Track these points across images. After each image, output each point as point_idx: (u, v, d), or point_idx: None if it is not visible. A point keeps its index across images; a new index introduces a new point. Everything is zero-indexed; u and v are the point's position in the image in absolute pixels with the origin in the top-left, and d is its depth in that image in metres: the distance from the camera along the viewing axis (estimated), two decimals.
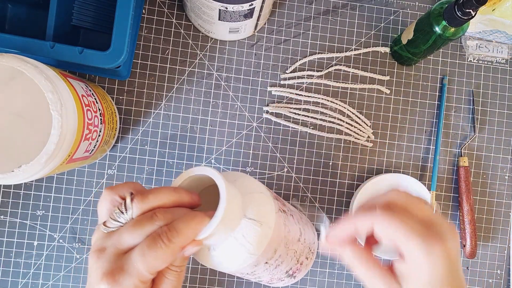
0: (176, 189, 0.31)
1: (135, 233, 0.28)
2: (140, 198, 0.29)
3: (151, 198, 0.29)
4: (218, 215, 0.29)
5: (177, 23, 0.56)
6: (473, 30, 0.58)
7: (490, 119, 0.59)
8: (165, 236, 0.28)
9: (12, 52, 0.41)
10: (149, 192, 0.30)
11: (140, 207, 0.29)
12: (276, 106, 0.56)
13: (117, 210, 0.29)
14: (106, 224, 0.29)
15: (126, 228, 0.29)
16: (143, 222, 0.28)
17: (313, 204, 0.57)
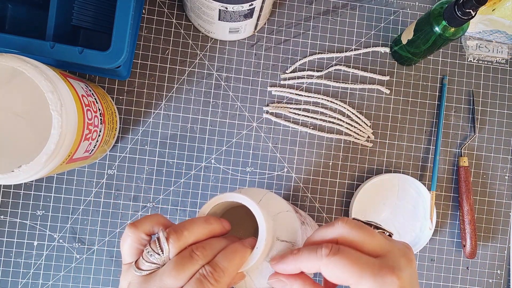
0: (207, 220, 0.30)
1: (178, 276, 0.27)
2: (175, 236, 0.28)
3: (186, 235, 0.28)
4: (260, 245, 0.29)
5: (177, 23, 0.56)
6: (473, 30, 0.58)
7: (490, 119, 0.59)
8: (211, 277, 0.27)
9: (12, 52, 0.41)
10: (183, 229, 0.28)
11: (177, 246, 0.28)
12: (276, 106, 0.56)
13: (150, 250, 0.28)
14: (139, 266, 0.28)
15: (167, 271, 0.27)
16: (184, 264, 0.27)
17: (313, 204, 0.57)
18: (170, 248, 0.28)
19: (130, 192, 0.54)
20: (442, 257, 0.57)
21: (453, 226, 0.58)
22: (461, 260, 0.57)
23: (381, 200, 0.56)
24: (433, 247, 0.57)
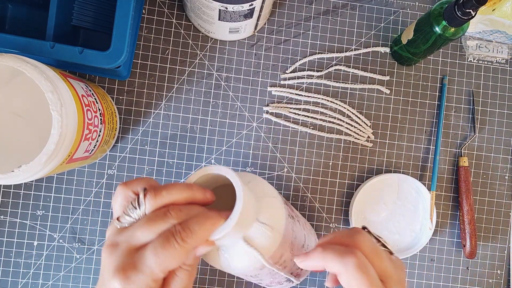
0: (189, 186, 0.31)
1: (148, 230, 0.28)
2: (153, 194, 0.29)
3: (165, 194, 0.29)
4: (234, 217, 0.29)
5: (177, 23, 0.56)
6: (473, 30, 0.58)
7: (490, 119, 0.59)
8: (179, 236, 0.27)
9: (12, 52, 0.41)
10: (163, 188, 0.30)
11: (153, 203, 0.29)
12: (276, 106, 0.56)
13: (130, 206, 0.29)
14: (120, 219, 0.29)
15: (139, 224, 0.29)
16: (156, 220, 0.28)
17: (313, 204, 0.57)
18: (146, 204, 0.29)
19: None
20: (442, 257, 0.57)
21: (453, 226, 0.58)
22: (461, 260, 0.57)
23: (381, 200, 0.56)
24: (433, 247, 0.57)
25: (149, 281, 0.27)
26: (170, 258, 0.27)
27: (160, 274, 0.28)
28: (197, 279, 0.55)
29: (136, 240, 0.28)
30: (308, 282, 0.56)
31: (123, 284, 0.27)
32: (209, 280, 0.55)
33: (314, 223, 0.56)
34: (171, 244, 0.27)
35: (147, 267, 0.27)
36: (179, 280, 0.29)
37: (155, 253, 0.27)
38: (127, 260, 0.28)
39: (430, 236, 0.54)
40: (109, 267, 0.28)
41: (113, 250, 0.28)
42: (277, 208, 0.35)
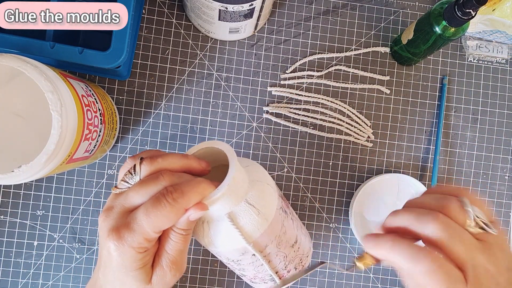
0: (185, 155, 0.32)
1: (140, 192, 0.29)
2: (148, 161, 0.30)
3: (160, 161, 0.30)
4: (225, 183, 0.30)
5: (177, 23, 0.56)
6: (473, 30, 0.58)
7: (490, 119, 0.59)
8: (169, 195, 0.28)
9: (12, 52, 0.41)
10: (158, 156, 0.31)
11: (147, 169, 0.30)
12: (276, 106, 0.56)
13: (127, 173, 0.30)
14: (117, 186, 0.30)
15: (132, 187, 0.29)
16: (148, 182, 0.29)
17: (313, 204, 0.57)
18: (141, 170, 0.30)
19: None
20: None
21: None
22: None
23: (381, 200, 0.56)
24: None
25: (142, 240, 0.28)
26: (160, 217, 0.28)
27: (152, 233, 0.28)
28: (197, 279, 0.55)
29: (130, 202, 0.29)
30: (308, 282, 0.56)
31: (116, 243, 0.28)
32: (209, 280, 0.55)
33: (314, 223, 0.56)
34: (161, 203, 0.28)
35: (139, 226, 0.28)
36: (173, 243, 0.30)
37: (146, 212, 0.28)
38: (121, 220, 0.29)
39: None
40: (104, 228, 0.29)
41: (108, 213, 0.29)
42: (268, 194, 0.36)
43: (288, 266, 0.42)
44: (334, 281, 0.56)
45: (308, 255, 0.47)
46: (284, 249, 0.39)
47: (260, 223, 0.34)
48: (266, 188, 0.36)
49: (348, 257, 0.56)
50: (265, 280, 0.43)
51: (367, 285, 0.56)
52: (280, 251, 0.39)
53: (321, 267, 0.56)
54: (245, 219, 0.33)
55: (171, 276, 0.30)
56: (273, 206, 0.36)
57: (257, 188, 0.35)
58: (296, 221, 0.43)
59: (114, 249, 0.28)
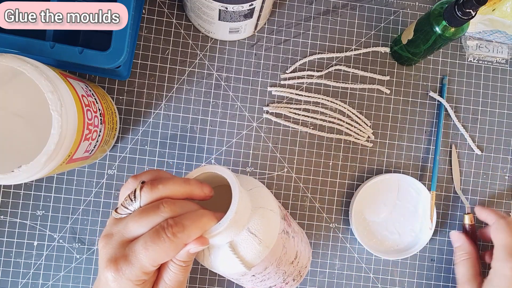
0: (187, 180, 0.31)
1: (140, 222, 0.28)
2: (149, 187, 0.29)
3: (160, 188, 0.29)
4: (228, 217, 0.29)
5: (177, 23, 0.56)
6: (473, 30, 0.58)
7: (490, 119, 0.59)
8: (169, 230, 0.27)
9: (12, 52, 0.41)
10: (159, 182, 0.30)
11: (148, 196, 0.29)
12: (276, 106, 0.56)
13: (127, 198, 0.30)
14: (117, 211, 0.30)
15: (132, 216, 0.29)
16: (149, 212, 0.28)
17: (313, 204, 0.57)
18: (142, 196, 0.29)
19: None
20: (442, 257, 0.57)
21: (453, 226, 0.58)
22: None
23: (381, 200, 0.56)
24: (433, 247, 0.57)
25: (140, 273, 0.28)
26: (159, 252, 0.27)
27: (150, 267, 0.28)
28: (197, 279, 0.55)
29: (129, 232, 0.29)
30: (308, 282, 0.56)
31: (114, 275, 0.27)
32: (209, 280, 0.55)
33: (314, 223, 0.56)
34: (161, 238, 0.27)
35: (138, 259, 0.27)
36: (172, 274, 0.30)
37: (145, 246, 0.27)
38: (119, 252, 0.28)
39: (430, 236, 0.54)
40: (103, 257, 0.28)
41: (108, 241, 0.29)
42: (271, 222, 0.35)
43: (287, 279, 0.42)
44: (334, 281, 0.56)
45: (307, 265, 0.46)
46: (284, 267, 0.39)
47: (260, 251, 0.33)
48: (269, 214, 0.35)
49: (348, 257, 0.56)
50: None
51: (367, 285, 0.56)
52: (280, 269, 0.39)
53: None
54: (246, 248, 0.33)
55: None
56: (275, 233, 0.35)
57: (260, 215, 0.34)
58: (297, 237, 0.42)
59: (112, 280, 0.28)
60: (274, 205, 0.37)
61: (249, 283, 0.39)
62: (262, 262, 0.34)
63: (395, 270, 0.57)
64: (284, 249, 0.37)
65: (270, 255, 0.35)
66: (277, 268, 0.38)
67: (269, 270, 0.37)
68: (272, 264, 0.36)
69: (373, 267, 0.56)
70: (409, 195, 0.56)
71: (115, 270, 0.27)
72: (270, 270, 0.37)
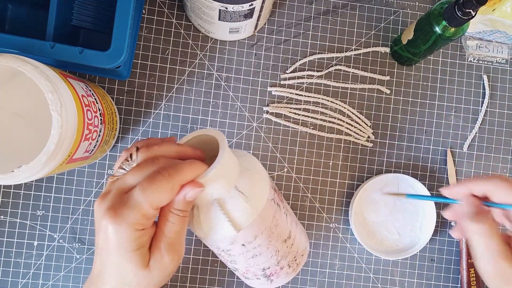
0: (180, 144, 0.32)
1: (137, 174, 0.29)
2: (145, 148, 0.31)
3: (156, 148, 0.31)
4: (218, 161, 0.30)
5: (177, 23, 0.56)
6: (473, 30, 0.58)
7: (490, 119, 0.59)
8: (165, 171, 0.28)
9: (12, 52, 0.41)
10: (154, 143, 0.31)
11: (144, 156, 0.30)
12: (276, 106, 0.56)
13: (124, 161, 0.31)
14: (114, 174, 0.31)
15: (129, 171, 0.30)
16: (144, 165, 0.30)
17: (313, 204, 0.57)
18: (138, 156, 0.30)
19: None
20: (442, 257, 0.57)
21: (452, 226, 0.58)
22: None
23: (381, 200, 0.56)
24: (433, 247, 0.57)
25: (139, 216, 0.28)
26: (157, 191, 0.28)
27: (149, 209, 0.28)
28: (197, 279, 0.55)
29: (126, 183, 0.29)
30: (308, 282, 0.56)
31: (113, 221, 0.27)
32: (209, 280, 0.55)
33: (314, 223, 0.56)
34: (157, 177, 0.28)
35: (136, 202, 0.28)
36: (171, 225, 0.30)
37: (142, 188, 0.28)
38: (117, 200, 0.28)
39: (430, 236, 0.54)
40: (100, 211, 0.28)
41: (105, 196, 0.29)
42: (259, 183, 0.36)
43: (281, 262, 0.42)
44: (334, 281, 0.56)
45: (304, 253, 0.46)
46: (276, 242, 0.39)
47: (249, 211, 0.34)
48: (257, 177, 0.36)
49: (348, 257, 0.56)
50: (258, 276, 0.43)
51: (367, 285, 0.56)
52: (272, 244, 0.39)
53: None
54: (234, 206, 0.33)
55: (169, 259, 0.30)
56: (264, 196, 0.36)
57: (248, 176, 0.35)
58: (290, 217, 0.43)
59: (110, 229, 0.27)
60: (262, 171, 0.38)
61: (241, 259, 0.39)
62: (251, 227, 0.35)
63: (395, 270, 0.57)
64: (275, 221, 0.38)
65: (259, 220, 0.35)
66: (269, 242, 0.38)
67: (259, 241, 0.37)
68: (263, 234, 0.36)
69: (373, 267, 0.56)
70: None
71: (114, 216, 0.27)
72: (261, 241, 0.37)
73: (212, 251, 0.55)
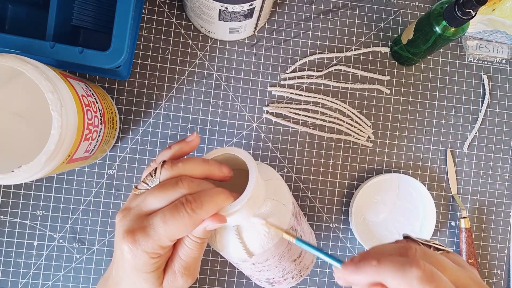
0: (205, 160, 0.31)
1: (158, 196, 0.29)
2: (169, 164, 0.30)
3: (180, 166, 0.30)
4: (245, 196, 0.30)
5: (177, 23, 0.56)
6: (473, 30, 0.58)
7: (490, 119, 0.59)
8: (189, 205, 0.28)
9: (12, 52, 0.41)
10: (180, 161, 0.30)
11: (168, 173, 0.30)
12: (276, 106, 0.56)
13: (148, 175, 0.30)
14: (137, 187, 0.30)
15: (151, 190, 0.29)
16: (167, 187, 0.29)
17: (313, 204, 0.57)
18: (162, 173, 0.30)
19: (130, 192, 0.54)
20: None
21: (453, 226, 0.58)
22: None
23: (381, 200, 0.56)
24: None
25: (156, 246, 0.28)
26: (178, 226, 0.28)
27: (167, 241, 0.28)
28: (197, 279, 0.55)
29: (147, 205, 0.29)
30: (308, 282, 0.56)
31: (131, 246, 0.28)
32: (209, 280, 0.55)
33: (314, 223, 0.56)
34: (180, 212, 0.28)
35: (156, 232, 0.28)
36: (188, 250, 0.30)
37: (163, 220, 0.28)
38: (137, 223, 0.28)
39: (430, 236, 0.54)
40: (120, 230, 0.29)
41: (126, 214, 0.29)
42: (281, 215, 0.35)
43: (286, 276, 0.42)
44: (334, 281, 0.56)
45: (309, 267, 0.46)
46: (285, 263, 0.39)
47: (265, 241, 0.34)
48: (281, 208, 0.35)
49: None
50: (261, 281, 0.43)
51: None
52: (281, 264, 0.39)
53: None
54: (251, 235, 0.33)
55: (182, 281, 0.30)
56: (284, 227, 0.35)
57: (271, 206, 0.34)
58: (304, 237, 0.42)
59: (127, 251, 0.28)
60: (288, 200, 0.37)
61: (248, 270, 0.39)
62: (264, 253, 0.34)
63: None
64: (289, 246, 0.37)
65: (274, 248, 0.35)
66: (278, 263, 0.38)
67: (270, 262, 0.37)
68: (274, 258, 0.36)
69: None
70: (409, 195, 0.56)
71: (132, 242, 0.28)
72: (270, 262, 0.37)
73: (212, 251, 0.55)
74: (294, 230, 0.38)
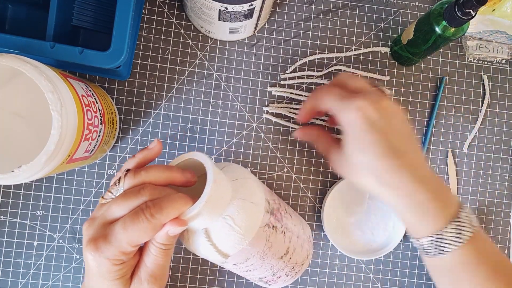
0: (169, 167, 0.32)
1: (122, 204, 0.29)
2: (132, 173, 0.31)
3: (143, 174, 0.31)
4: (202, 199, 0.30)
5: (177, 23, 0.56)
6: (473, 30, 0.58)
7: (490, 119, 0.59)
8: (148, 211, 0.28)
9: (12, 52, 0.41)
10: (142, 169, 0.31)
11: (131, 182, 0.30)
12: (276, 106, 0.56)
13: (113, 184, 0.31)
14: (104, 196, 0.31)
15: (114, 199, 0.30)
16: (129, 195, 0.30)
17: (313, 204, 0.57)
18: (125, 182, 0.31)
19: None
20: None
21: None
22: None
23: (353, 200, 0.55)
24: None
25: (117, 252, 0.29)
26: (137, 231, 0.28)
27: (128, 247, 0.29)
28: (197, 279, 0.55)
29: (111, 214, 0.30)
30: (308, 282, 0.56)
31: (93, 254, 0.29)
32: (209, 280, 0.55)
33: (314, 223, 0.56)
34: (139, 218, 0.28)
35: (116, 239, 0.28)
36: (153, 257, 0.30)
37: (124, 226, 0.28)
38: (100, 232, 0.29)
39: (402, 235, 0.53)
40: (85, 238, 0.30)
41: (91, 223, 0.30)
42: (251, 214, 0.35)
43: (278, 273, 0.42)
44: (334, 281, 0.56)
45: (304, 262, 0.46)
46: (271, 260, 0.38)
47: (236, 241, 0.33)
48: (249, 206, 0.35)
49: (348, 257, 0.56)
50: (255, 281, 0.43)
51: (367, 285, 0.56)
52: (266, 262, 0.38)
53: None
54: (221, 237, 0.33)
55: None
56: (255, 225, 0.35)
57: (239, 206, 0.34)
58: (289, 233, 0.41)
59: (91, 259, 0.29)
60: (259, 198, 0.36)
61: (236, 271, 0.39)
62: (241, 253, 0.34)
63: (395, 270, 0.57)
64: (269, 243, 0.37)
65: (250, 247, 0.35)
66: (262, 261, 0.37)
67: (252, 261, 0.36)
68: (254, 257, 0.36)
69: (373, 267, 0.56)
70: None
71: (94, 249, 0.28)
72: (253, 262, 0.37)
73: None
74: (273, 227, 0.38)
